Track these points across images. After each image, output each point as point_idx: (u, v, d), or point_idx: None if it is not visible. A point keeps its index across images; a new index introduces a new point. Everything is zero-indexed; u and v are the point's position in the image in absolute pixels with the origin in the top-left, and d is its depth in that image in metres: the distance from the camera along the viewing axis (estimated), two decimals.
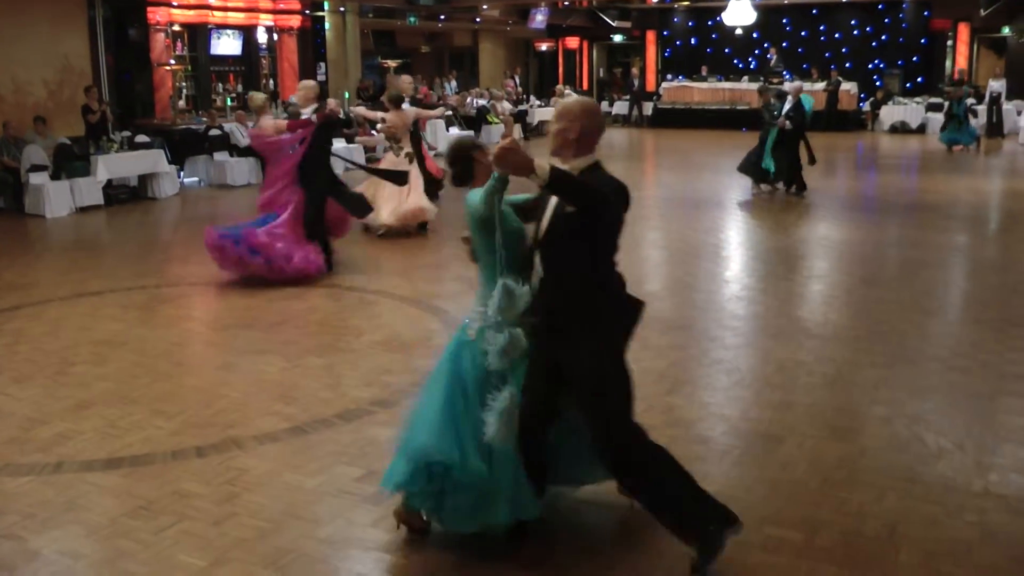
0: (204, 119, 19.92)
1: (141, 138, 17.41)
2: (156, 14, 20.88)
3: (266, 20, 24.18)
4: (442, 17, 30.00)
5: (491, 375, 4.29)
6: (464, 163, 4.55)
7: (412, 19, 28.68)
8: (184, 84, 22.36)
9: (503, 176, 4.09)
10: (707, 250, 11.53)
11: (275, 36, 24.62)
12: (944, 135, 23.08)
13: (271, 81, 24.75)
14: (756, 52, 32.49)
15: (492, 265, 4.29)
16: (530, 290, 4.24)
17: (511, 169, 3.91)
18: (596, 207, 4.00)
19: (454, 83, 30.02)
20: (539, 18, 31.26)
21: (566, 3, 31.41)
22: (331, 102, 12.02)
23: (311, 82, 11.30)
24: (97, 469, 5.51)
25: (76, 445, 5.86)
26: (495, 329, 4.20)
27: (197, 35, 22.61)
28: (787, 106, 15.68)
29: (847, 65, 30.65)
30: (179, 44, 22.32)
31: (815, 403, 6.42)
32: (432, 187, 15.60)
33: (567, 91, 30.97)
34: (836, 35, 31.74)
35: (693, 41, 34.16)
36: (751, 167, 16.01)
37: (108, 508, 4.99)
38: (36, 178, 15.41)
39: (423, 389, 4.60)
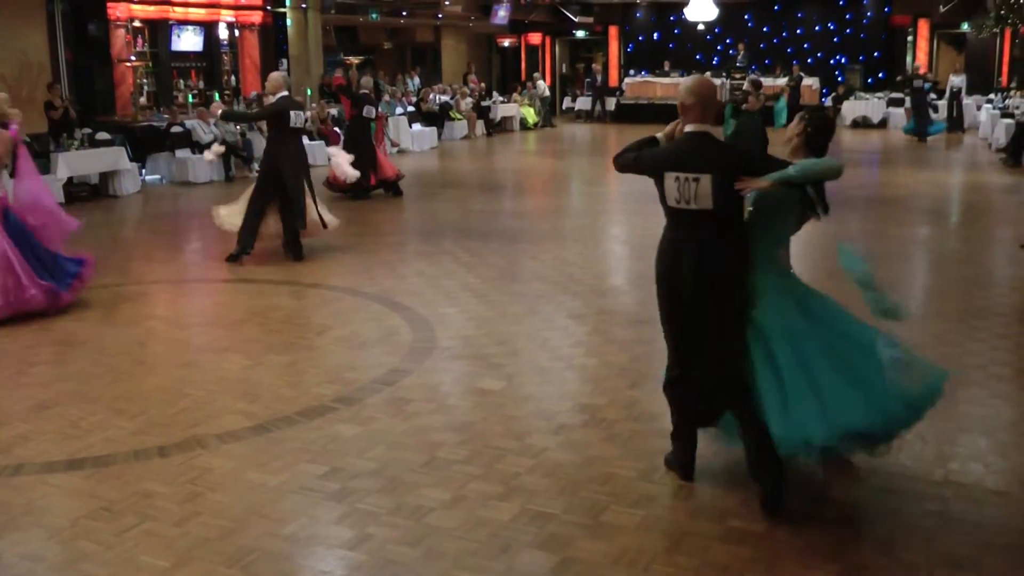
0: (166, 116, 19.79)
1: (102, 135, 17.22)
2: (116, 9, 20.72)
3: (227, 16, 24.05)
4: (404, 13, 29.95)
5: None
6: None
7: (374, 15, 28.61)
8: (145, 81, 22.22)
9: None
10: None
11: (236, 32, 24.52)
12: (909, 127, 23.43)
13: (232, 77, 24.62)
14: (719, 48, 32.67)
15: None
16: None
17: None
18: None
19: (417, 79, 29.95)
20: (501, 14, 31.27)
21: None
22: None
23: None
24: (58, 470, 5.44)
25: (36, 446, 5.79)
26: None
27: (158, 31, 22.47)
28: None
29: (808, 61, 30.93)
30: (140, 40, 22.18)
31: None
32: (389, 187, 15.60)
33: (538, 81, 31.14)
34: (798, 31, 32.02)
35: (656, 36, 34.34)
36: None
37: (69, 510, 4.94)
38: None
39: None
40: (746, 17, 32.16)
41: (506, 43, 37.67)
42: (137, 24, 21.96)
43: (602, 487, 5.07)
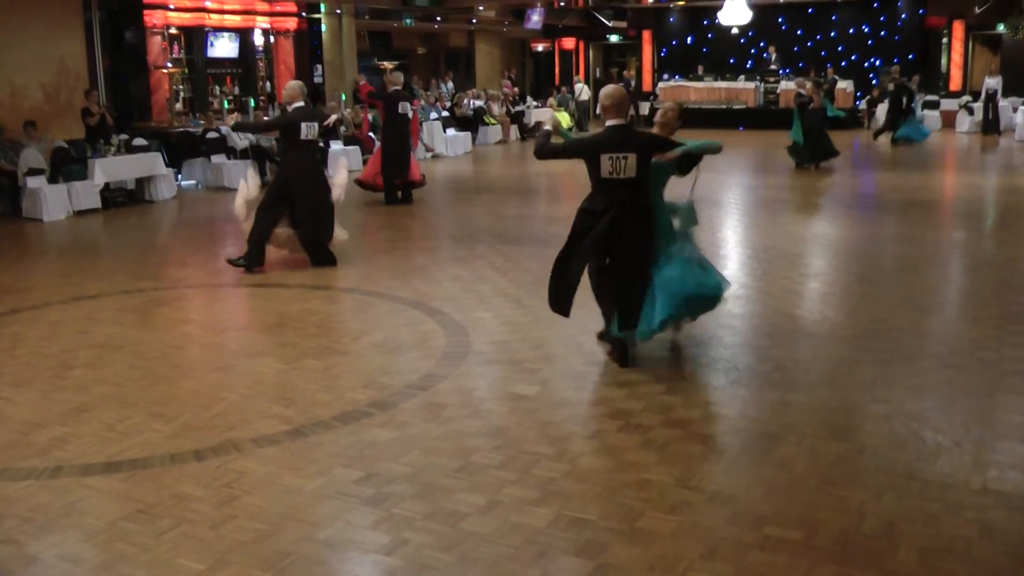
0: (201, 121, 19.93)
1: (138, 141, 17.39)
2: (152, 17, 20.91)
3: (262, 22, 24.20)
4: (438, 18, 30.04)
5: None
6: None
7: (408, 20, 28.71)
8: (181, 87, 22.38)
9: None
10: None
11: (271, 38, 24.65)
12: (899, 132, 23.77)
13: (268, 83, 24.75)
14: (752, 51, 32.53)
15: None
16: None
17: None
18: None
19: (450, 84, 30.02)
20: (535, 18, 31.29)
21: (562, 3, 31.41)
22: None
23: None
24: (96, 473, 5.50)
25: (74, 449, 5.86)
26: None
27: (193, 37, 22.63)
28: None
29: (842, 63, 30.73)
30: (175, 47, 22.33)
31: (813, 402, 6.42)
32: (408, 189, 15.51)
33: (577, 84, 31.07)
34: (831, 33, 31.80)
35: (689, 40, 34.20)
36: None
37: (107, 512, 4.99)
38: (33, 182, 15.40)
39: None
40: (779, 20, 31.99)
41: (540, 48, 37.70)
42: (173, 31, 22.16)
43: (637, 493, 5.06)
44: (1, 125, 15.93)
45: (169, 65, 21.58)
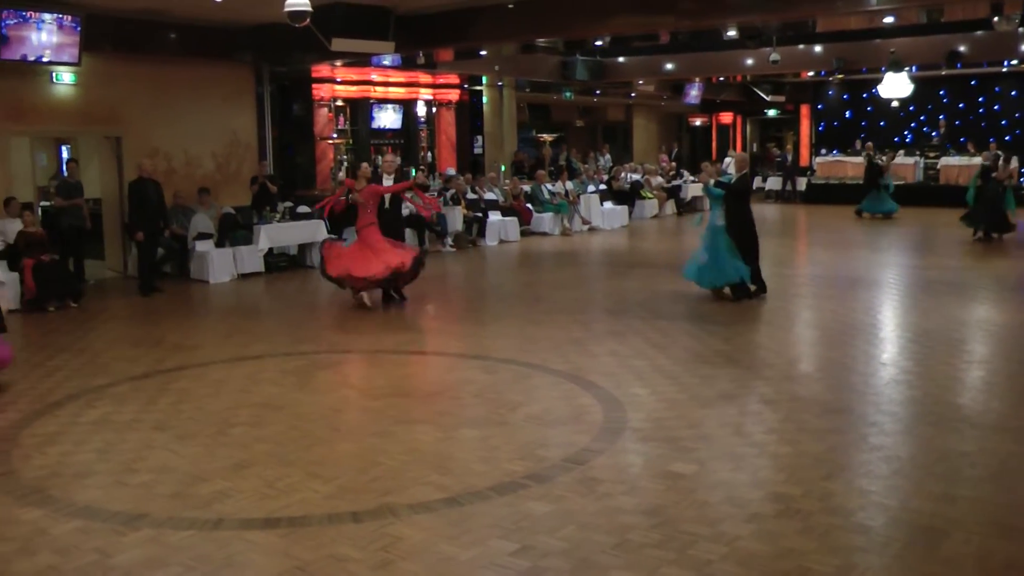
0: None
1: (302, 208, 17.94)
2: (320, 90, 21.65)
3: (425, 94, 24.76)
4: (597, 92, 30.30)
5: None
6: None
7: (568, 94, 29.04)
8: (345, 156, 23.00)
9: None
10: (863, 331, 11.16)
11: (434, 109, 25.17)
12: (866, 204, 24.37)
13: (429, 153, 25.26)
14: (912, 125, 31.77)
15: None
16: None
17: None
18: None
19: (608, 157, 30.14)
20: (693, 93, 31.28)
21: (720, 78, 31.35)
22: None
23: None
24: (255, 528, 5.58)
25: (235, 503, 5.97)
26: None
27: (358, 109, 23.28)
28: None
29: (1006, 138, 29.69)
30: (341, 118, 23.01)
31: (980, 497, 6.05)
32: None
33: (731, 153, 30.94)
34: (995, 107, 30.83)
35: (847, 114, 33.64)
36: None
37: (265, 567, 5.04)
38: (202, 245, 16.05)
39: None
40: (940, 93, 31.21)
41: (697, 122, 37.64)
42: (339, 103, 22.85)
43: None
44: (175, 191, 16.65)
45: (334, 136, 22.25)
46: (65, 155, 20.59)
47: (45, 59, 14.88)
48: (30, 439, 7.51)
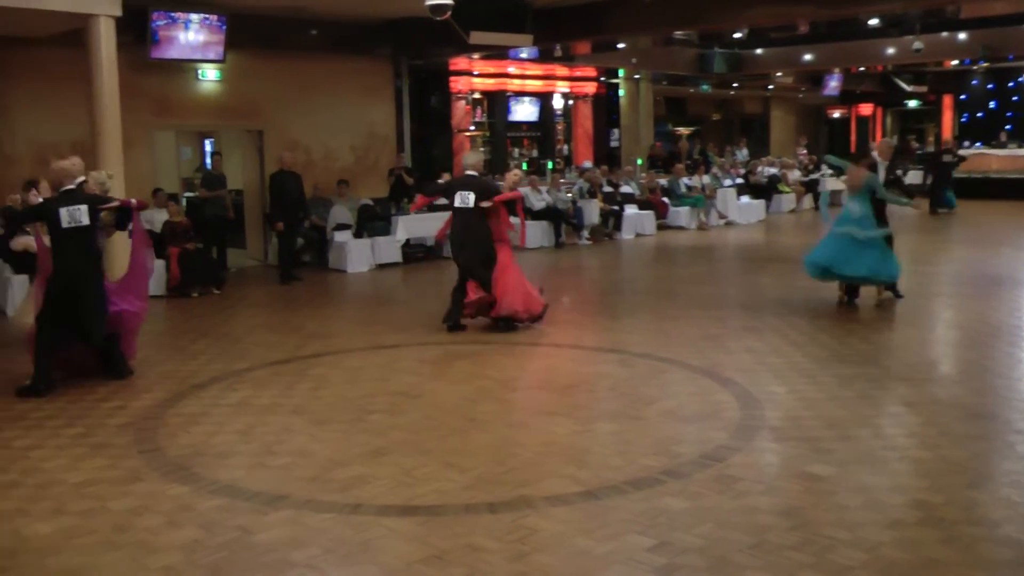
0: (500, 182, 20.46)
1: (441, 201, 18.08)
2: (458, 83, 21.88)
3: (562, 87, 24.81)
4: (734, 85, 29.92)
5: None
6: None
7: (705, 87, 28.75)
8: (482, 148, 23.16)
9: None
10: (1008, 332, 10.69)
11: (570, 102, 25.18)
12: None
13: (565, 146, 25.26)
14: None
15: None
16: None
17: None
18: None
19: (745, 151, 29.69)
20: (832, 84, 30.65)
21: (860, 69, 30.58)
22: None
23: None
24: (392, 514, 5.65)
25: (373, 489, 6.04)
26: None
27: (495, 102, 23.45)
28: None
29: None
30: (478, 111, 23.20)
31: None
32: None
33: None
34: None
35: (992, 105, 32.43)
36: None
37: (403, 553, 5.09)
38: (340, 236, 16.37)
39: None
40: None
41: (836, 114, 36.81)
42: (476, 96, 23.03)
43: None
44: (315, 183, 17.01)
45: (472, 128, 22.42)
46: (208, 148, 21.19)
47: (192, 57, 15.40)
48: (175, 418, 7.77)
